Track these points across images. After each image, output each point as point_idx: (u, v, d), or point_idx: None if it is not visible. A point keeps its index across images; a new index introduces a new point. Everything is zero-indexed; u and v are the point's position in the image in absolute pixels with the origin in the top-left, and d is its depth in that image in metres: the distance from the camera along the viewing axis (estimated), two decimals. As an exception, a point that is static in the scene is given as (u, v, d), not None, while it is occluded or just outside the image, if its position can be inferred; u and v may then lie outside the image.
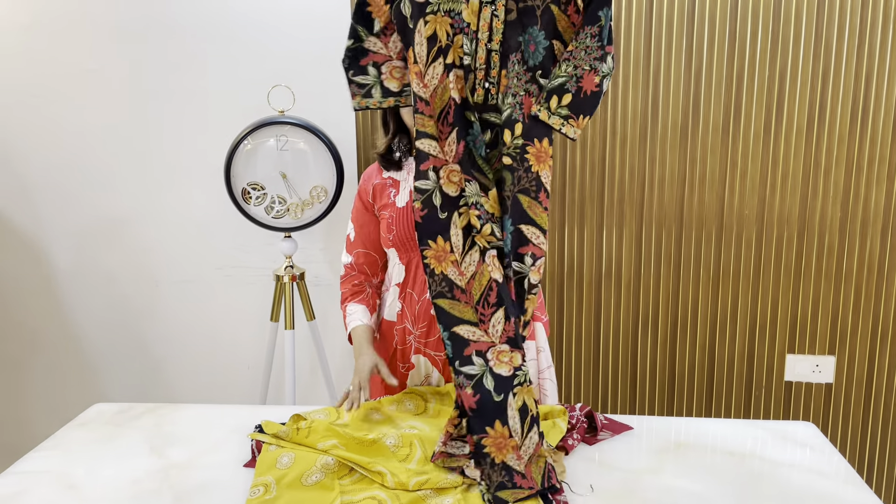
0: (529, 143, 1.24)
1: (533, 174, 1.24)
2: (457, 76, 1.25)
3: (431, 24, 1.25)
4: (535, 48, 1.24)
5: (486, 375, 1.21)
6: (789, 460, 1.29)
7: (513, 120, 1.24)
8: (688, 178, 2.27)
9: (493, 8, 1.23)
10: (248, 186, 2.08)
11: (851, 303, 2.30)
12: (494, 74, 1.25)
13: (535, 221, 1.26)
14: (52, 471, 1.26)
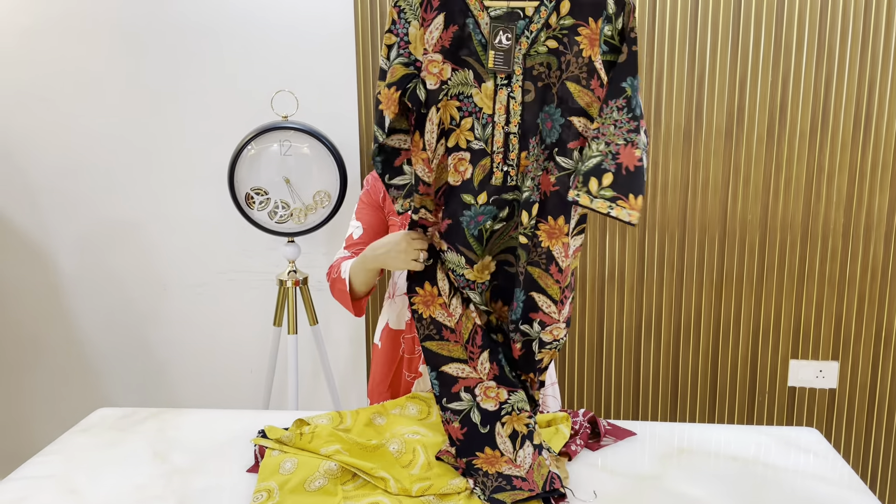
0: (542, 221, 1.23)
1: (543, 249, 1.22)
2: (458, 159, 1.24)
3: (444, 110, 1.23)
4: (551, 125, 1.20)
5: (472, 410, 1.26)
6: (793, 466, 1.29)
7: (531, 202, 1.23)
8: (691, 183, 2.27)
9: (508, 90, 1.20)
10: (251, 191, 2.09)
11: (855, 308, 2.29)
12: (514, 157, 1.23)
13: (545, 291, 1.26)
14: (55, 476, 1.26)
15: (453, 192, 1.27)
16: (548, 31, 1.17)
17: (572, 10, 1.15)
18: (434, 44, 1.20)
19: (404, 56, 1.20)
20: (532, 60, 1.19)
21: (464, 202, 1.27)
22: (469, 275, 1.30)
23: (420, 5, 1.19)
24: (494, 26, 1.17)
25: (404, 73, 1.20)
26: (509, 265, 1.31)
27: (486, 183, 1.25)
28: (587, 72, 1.15)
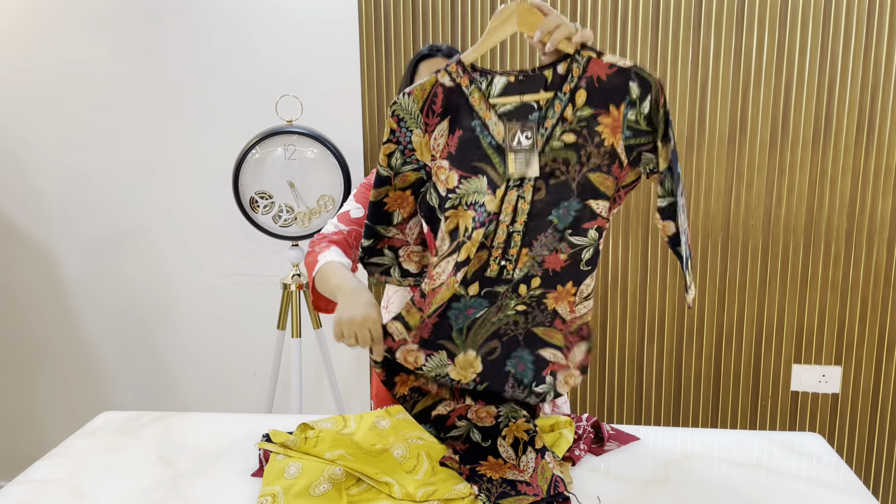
0: (550, 290, 1.17)
1: (549, 312, 1.19)
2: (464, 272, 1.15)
3: (452, 219, 1.14)
4: (566, 212, 1.11)
5: (471, 431, 1.25)
6: (796, 471, 1.29)
7: (530, 276, 1.15)
8: (694, 188, 2.27)
9: (519, 191, 1.09)
10: (256, 195, 2.09)
11: (858, 313, 2.29)
12: (514, 253, 1.13)
13: (551, 343, 1.22)
14: (61, 479, 1.26)
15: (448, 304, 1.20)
16: (563, 125, 1.07)
17: (590, 100, 1.06)
18: (440, 150, 1.12)
19: (412, 163, 1.15)
20: (546, 157, 1.08)
21: (454, 294, 1.15)
22: (453, 373, 1.22)
23: (421, 111, 1.12)
24: (510, 126, 1.07)
25: (418, 177, 1.17)
26: (492, 353, 1.22)
27: (480, 274, 1.14)
28: (609, 160, 1.08)
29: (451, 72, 1.10)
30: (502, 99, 1.07)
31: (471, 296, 1.16)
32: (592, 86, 1.05)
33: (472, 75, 1.10)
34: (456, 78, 1.10)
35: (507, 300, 1.17)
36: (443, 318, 1.18)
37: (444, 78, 1.10)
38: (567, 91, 1.06)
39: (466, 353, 1.21)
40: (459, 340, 1.20)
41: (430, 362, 1.21)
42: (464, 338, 1.20)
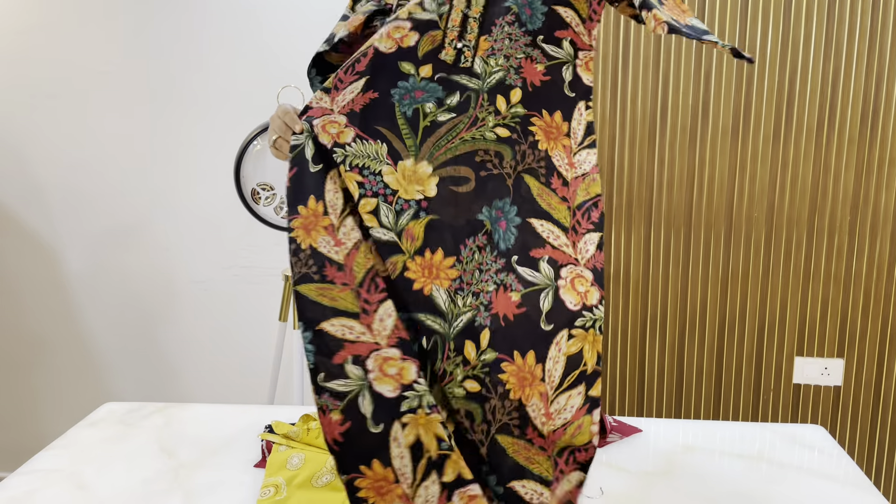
0: (535, 115, 0.97)
1: (541, 152, 0.96)
2: (395, 26, 0.97)
3: None
4: (531, 13, 0.98)
5: (362, 394, 0.85)
6: (798, 463, 1.29)
7: (507, 84, 0.97)
8: (696, 180, 2.27)
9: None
10: (257, 187, 2.09)
11: (861, 306, 2.29)
12: (471, 39, 0.98)
13: (549, 215, 0.93)
14: (63, 470, 1.26)
15: (384, 60, 0.96)
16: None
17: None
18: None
19: (375, 1, 1.08)
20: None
21: (400, 71, 0.96)
22: (389, 177, 0.91)
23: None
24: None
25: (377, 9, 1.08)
26: (461, 182, 0.94)
27: (434, 56, 0.97)
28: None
29: None
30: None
31: (422, 77, 0.96)
32: None
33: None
34: None
35: (483, 112, 0.96)
36: (383, 98, 0.95)
37: None
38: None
39: (417, 162, 0.94)
40: (409, 135, 0.95)
41: (360, 146, 0.93)
42: (416, 137, 0.95)
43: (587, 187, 0.95)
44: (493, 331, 0.87)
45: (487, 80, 0.97)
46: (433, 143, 0.94)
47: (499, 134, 0.95)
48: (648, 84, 2.22)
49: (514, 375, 0.90)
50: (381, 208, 0.90)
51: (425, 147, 0.94)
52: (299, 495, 1.16)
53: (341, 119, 0.94)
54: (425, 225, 0.90)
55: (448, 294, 0.88)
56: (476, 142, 0.94)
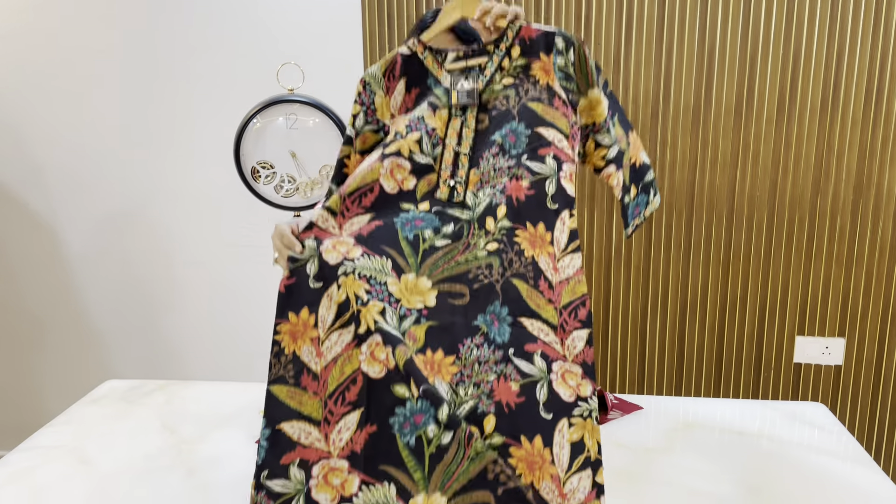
0: (520, 227, 1.06)
1: (528, 259, 1.04)
2: (397, 165, 1.12)
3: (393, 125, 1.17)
4: (515, 139, 1.13)
5: (297, 498, 0.87)
6: (799, 440, 1.29)
7: (494, 205, 1.09)
8: (699, 160, 2.25)
9: (462, 118, 1.17)
10: (257, 165, 2.08)
11: (862, 285, 2.28)
12: (462, 174, 1.14)
13: (538, 314, 1.01)
14: (65, 446, 1.27)
15: (387, 199, 1.11)
16: (502, 72, 1.18)
17: (523, 52, 1.18)
18: (398, 107, 1.22)
19: (373, 123, 1.23)
20: (488, 95, 1.17)
21: (401, 207, 1.10)
22: (393, 287, 1.00)
23: (384, 76, 1.22)
24: (455, 78, 1.18)
25: (375, 140, 1.23)
26: (457, 296, 1.02)
27: (430, 195, 1.12)
28: (548, 94, 1.15)
29: (409, 45, 1.21)
30: (453, 65, 1.19)
31: (421, 210, 1.09)
32: (524, 43, 1.17)
33: (427, 48, 1.21)
34: (413, 48, 1.21)
35: (475, 238, 1.07)
36: (388, 225, 1.07)
37: (403, 49, 1.21)
38: (503, 48, 1.18)
39: (418, 277, 1.02)
40: (411, 254, 1.04)
41: (364, 260, 1.01)
42: (417, 257, 1.04)
43: (572, 288, 1.03)
44: (497, 416, 0.91)
45: (477, 209, 1.09)
46: (432, 263, 1.04)
47: (489, 249, 1.05)
48: (651, 63, 2.21)
49: (524, 460, 0.97)
50: (387, 310, 0.97)
51: (425, 266, 1.04)
52: (301, 470, 1.16)
53: (349, 240, 1.05)
54: (426, 329, 0.97)
55: (450, 386, 0.92)
56: (469, 262, 1.04)
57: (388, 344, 0.93)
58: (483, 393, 0.92)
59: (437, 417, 0.88)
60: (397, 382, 0.91)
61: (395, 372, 0.91)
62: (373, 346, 0.94)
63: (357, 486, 0.85)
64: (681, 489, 1.13)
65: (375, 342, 0.94)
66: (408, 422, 0.88)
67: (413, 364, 0.92)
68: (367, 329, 0.95)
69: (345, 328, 0.96)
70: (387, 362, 0.92)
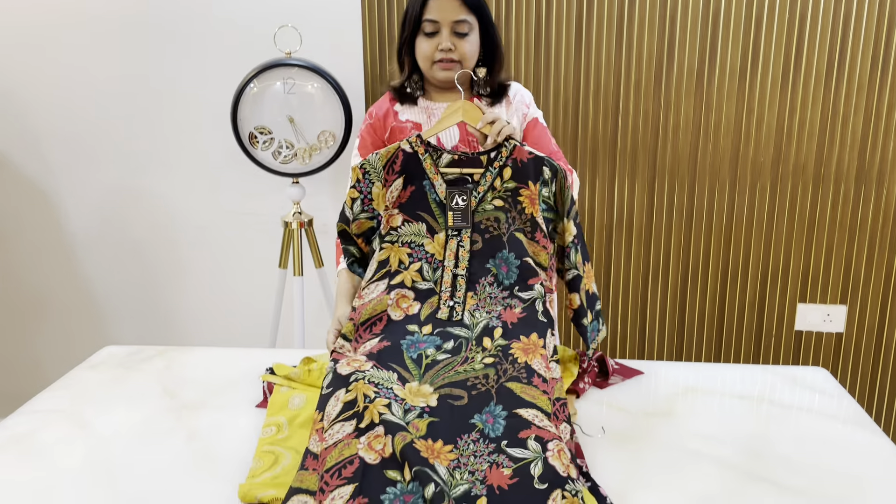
0: (515, 340, 1.23)
1: (521, 364, 1.19)
2: (401, 295, 1.32)
3: (394, 255, 1.35)
4: (507, 269, 1.32)
5: None
6: (800, 404, 1.29)
7: (491, 327, 1.27)
8: (703, 124, 2.23)
9: (458, 239, 1.34)
10: (255, 131, 2.05)
11: (865, 252, 2.27)
12: (460, 296, 1.32)
13: (534, 404, 1.10)
14: (64, 410, 1.26)
15: (395, 326, 1.29)
16: (493, 192, 1.35)
17: (514, 175, 1.35)
18: (394, 201, 1.37)
19: (368, 211, 1.38)
20: (480, 216, 1.34)
21: (407, 330, 1.28)
22: (399, 392, 1.13)
23: (383, 168, 1.37)
24: (450, 191, 1.34)
25: (370, 227, 1.39)
26: (456, 399, 1.13)
27: (433, 317, 1.30)
28: (531, 226, 1.33)
29: (411, 142, 1.37)
30: (447, 169, 1.36)
31: (424, 334, 1.27)
32: (516, 165, 1.35)
33: (427, 147, 1.37)
34: (415, 146, 1.37)
35: (472, 353, 1.23)
36: (394, 346, 1.24)
37: (406, 146, 1.37)
38: (497, 167, 1.35)
39: (421, 385, 1.16)
40: (414, 368, 1.20)
41: (374, 371, 1.17)
42: (420, 370, 1.20)
43: (560, 388, 1.17)
44: (489, 497, 0.95)
45: (474, 329, 1.27)
46: (433, 373, 1.19)
47: (485, 363, 1.20)
48: (655, 25, 2.17)
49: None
50: (392, 405, 1.09)
51: (427, 376, 1.19)
52: (301, 434, 1.16)
53: (361, 358, 1.22)
54: (427, 423, 1.07)
55: (447, 469, 0.99)
56: (467, 372, 1.19)
57: (388, 434, 1.03)
58: (477, 479, 0.98)
59: (424, 496, 0.94)
60: (391, 469, 0.99)
61: (389, 459, 1.00)
62: (371, 438, 1.03)
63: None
64: (681, 452, 1.12)
65: (375, 434, 1.03)
66: (398, 499, 0.94)
67: (412, 447, 1.00)
68: (370, 422, 1.05)
69: (347, 421, 1.07)
70: (382, 452, 1.01)
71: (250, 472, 1.05)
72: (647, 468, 1.08)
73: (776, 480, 1.04)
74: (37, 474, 1.07)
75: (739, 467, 1.08)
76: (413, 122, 1.55)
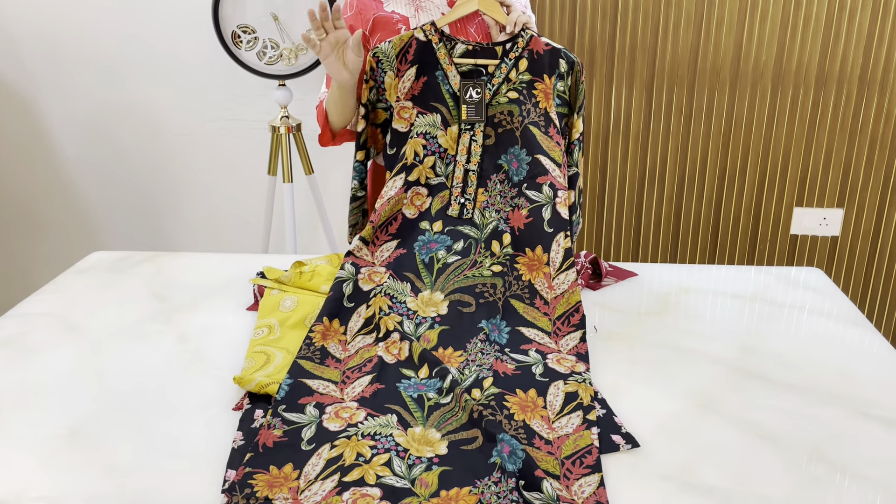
0: (520, 254, 1.26)
1: (525, 282, 1.24)
2: (416, 192, 1.32)
3: (410, 147, 1.32)
4: (518, 165, 1.30)
5: (310, 426, 0.95)
6: (793, 302, 1.29)
7: (500, 231, 1.29)
8: (704, 20, 2.14)
9: (471, 133, 1.32)
10: (238, 29, 1.96)
11: (865, 155, 2.23)
12: (471, 192, 1.32)
13: (534, 324, 1.18)
14: (54, 314, 1.25)
15: (409, 224, 1.32)
16: (508, 84, 1.32)
17: (529, 68, 1.32)
18: (406, 92, 1.34)
19: (383, 102, 1.36)
20: (494, 109, 1.32)
21: (419, 228, 1.31)
22: (411, 303, 1.21)
23: (396, 57, 1.33)
24: (464, 83, 1.31)
25: (385, 118, 1.37)
26: (465, 305, 1.20)
27: (443, 213, 1.32)
28: (545, 120, 1.31)
29: (425, 30, 1.33)
30: (461, 60, 1.33)
31: (435, 232, 1.30)
32: (532, 57, 1.32)
33: (441, 37, 1.33)
34: (429, 35, 1.33)
35: (481, 257, 1.28)
36: (408, 252, 1.29)
37: (419, 34, 1.33)
38: (512, 58, 1.32)
39: (433, 293, 1.24)
40: (426, 276, 1.26)
41: (390, 281, 1.24)
42: (432, 276, 1.26)
43: (566, 300, 1.20)
44: (494, 378, 1.05)
45: (484, 230, 1.30)
46: (444, 278, 1.25)
47: (493, 271, 1.26)
48: (658, -86, 2.05)
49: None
50: (404, 322, 1.17)
51: (438, 282, 1.25)
52: (293, 335, 1.16)
53: (381, 270, 1.27)
54: (438, 332, 1.15)
55: (457, 370, 1.06)
56: (475, 278, 1.25)
57: (403, 340, 1.11)
58: (483, 367, 1.07)
59: (441, 387, 1.02)
60: (406, 367, 1.07)
61: (405, 361, 1.08)
62: (388, 343, 1.11)
63: (363, 417, 0.97)
64: (674, 349, 1.13)
65: (392, 340, 1.12)
66: (411, 386, 1.03)
67: (429, 353, 1.08)
68: (386, 331, 1.14)
69: (368, 334, 1.15)
70: (399, 355, 1.09)
71: (242, 371, 1.05)
72: (639, 365, 1.09)
73: (769, 377, 1.05)
74: (27, 374, 1.06)
75: (732, 363, 1.08)
76: (400, 14, 1.47)
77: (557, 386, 1.02)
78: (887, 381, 1.04)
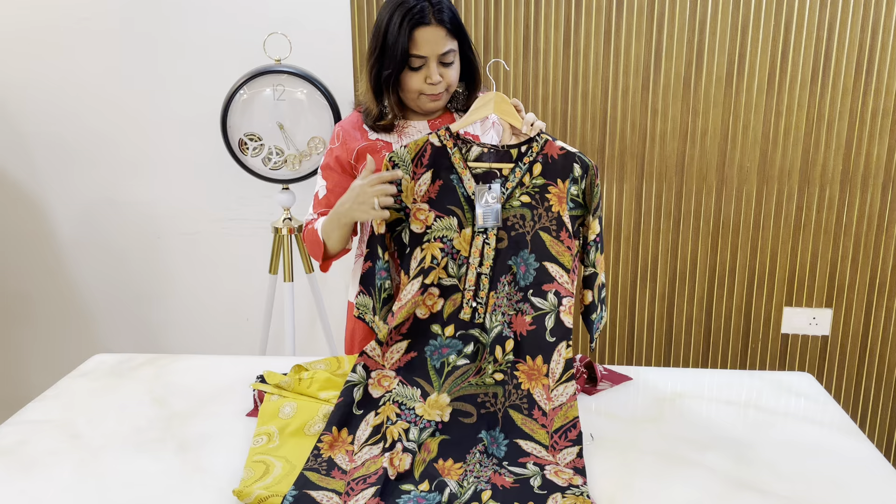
0: (520, 361, 1.28)
1: (524, 392, 1.25)
2: (429, 294, 1.33)
3: (427, 251, 1.33)
4: (525, 269, 1.31)
5: None
6: (786, 410, 1.31)
7: (503, 337, 1.30)
8: (689, 130, 2.25)
9: (484, 237, 1.33)
10: (245, 137, 2.05)
11: (850, 256, 2.30)
12: (483, 296, 1.33)
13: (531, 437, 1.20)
14: (55, 420, 1.26)
15: (420, 325, 1.33)
16: (522, 188, 1.33)
17: (543, 172, 1.32)
18: (422, 195, 1.35)
19: (397, 203, 1.36)
20: (507, 213, 1.33)
21: (431, 332, 1.33)
22: (419, 409, 1.24)
23: (412, 161, 1.35)
24: (479, 189, 1.33)
25: (397, 217, 1.37)
26: (467, 416, 1.24)
27: (455, 316, 1.33)
28: (556, 224, 1.31)
29: (440, 135, 1.35)
30: (476, 163, 1.34)
31: (447, 336, 1.32)
32: (546, 162, 1.33)
33: (456, 141, 1.35)
34: (443, 140, 1.35)
35: (485, 363, 1.30)
36: (420, 356, 1.31)
37: (434, 139, 1.35)
38: (527, 163, 1.33)
39: (440, 395, 1.27)
40: (436, 380, 1.29)
41: (400, 388, 1.28)
42: (441, 380, 1.29)
43: (564, 413, 1.21)
44: (493, 492, 1.07)
45: (491, 333, 1.31)
46: (452, 381, 1.28)
47: (496, 379, 1.28)
48: (642, 32, 2.18)
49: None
50: (411, 430, 1.19)
51: (446, 384, 1.28)
52: (292, 443, 1.17)
53: (391, 374, 1.30)
54: (439, 442, 1.18)
55: (457, 482, 1.09)
56: (479, 386, 1.28)
57: (405, 453, 1.13)
58: (482, 480, 1.10)
59: (440, 502, 1.04)
60: (406, 482, 1.09)
61: (404, 474, 1.10)
62: (392, 455, 1.12)
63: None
64: (669, 458, 1.14)
65: (395, 451, 1.13)
66: (411, 500, 1.04)
67: (431, 466, 1.13)
68: (392, 441, 1.16)
69: (375, 445, 1.18)
70: (399, 467, 1.10)
71: (241, 482, 1.06)
72: (636, 475, 1.10)
73: (762, 487, 1.06)
74: (27, 485, 1.07)
75: (726, 474, 1.09)
76: (384, 141, 1.54)
77: (556, 499, 1.03)
78: (878, 492, 1.05)
